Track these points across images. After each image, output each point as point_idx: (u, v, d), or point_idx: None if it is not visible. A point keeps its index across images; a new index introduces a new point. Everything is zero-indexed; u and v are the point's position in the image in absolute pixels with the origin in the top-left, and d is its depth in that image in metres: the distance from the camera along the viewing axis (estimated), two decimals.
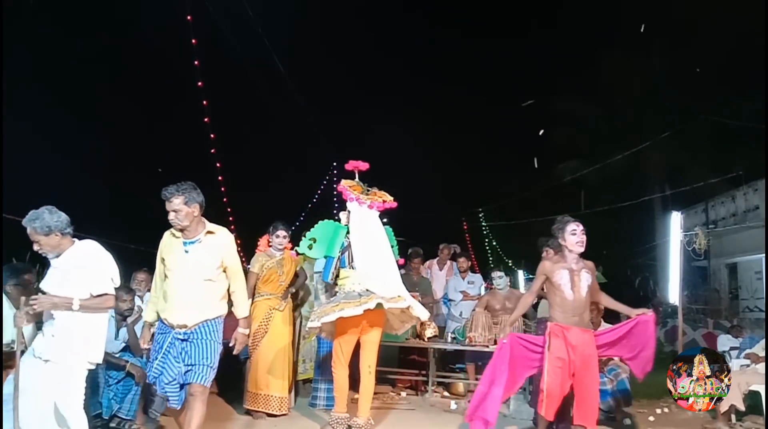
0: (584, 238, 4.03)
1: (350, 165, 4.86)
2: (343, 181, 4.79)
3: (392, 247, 4.83)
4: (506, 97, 22.50)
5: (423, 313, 4.57)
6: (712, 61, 15.12)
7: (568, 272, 4.02)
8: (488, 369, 4.21)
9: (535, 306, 5.55)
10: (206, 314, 3.51)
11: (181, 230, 3.53)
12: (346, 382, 4.55)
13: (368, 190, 4.78)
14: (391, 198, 4.81)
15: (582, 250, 4.03)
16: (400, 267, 5.03)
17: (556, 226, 4.13)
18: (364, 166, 4.86)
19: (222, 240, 3.60)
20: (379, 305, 4.25)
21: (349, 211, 4.72)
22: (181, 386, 3.52)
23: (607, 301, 4.37)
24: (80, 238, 3.47)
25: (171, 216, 3.49)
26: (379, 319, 4.47)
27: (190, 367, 3.47)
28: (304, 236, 4.85)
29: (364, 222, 4.63)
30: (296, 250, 4.98)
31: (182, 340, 3.48)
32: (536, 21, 22.49)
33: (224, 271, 3.60)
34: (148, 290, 5.08)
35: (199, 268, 3.50)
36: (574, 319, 3.99)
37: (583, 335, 3.99)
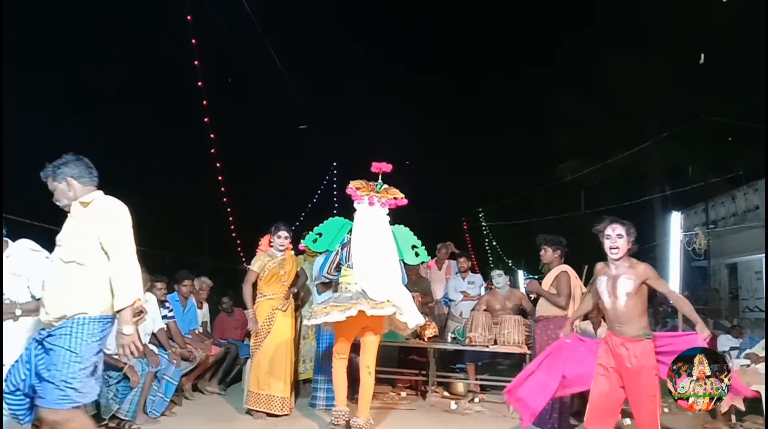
0: (619, 242, 3.74)
1: (374, 167, 4.83)
2: (351, 182, 4.79)
3: (416, 247, 4.86)
4: (506, 97, 22.55)
5: (412, 319, 4.44)
6: (712, 61, 15.12)
7: (606, 279, 3.77)
8: (540, 356, 4.11)
9: (534, 303, 5.54)
10: (65, 309, 2.73)
11: None
12: (344, 378, 4.57)
13: (379, 188, 4.77)
14: (402, 195, 4.79)
15: (616, 257, 3.74)
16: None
17: (595, 228, 3.89)
18: (387, 167, 4.82)
19: (96, 210, 2.87)
20: (362, 312, 4.20)
21: (355, 210, 4.73)
22: (30, 399, 2.76)
23: (676, 300, 4.03)
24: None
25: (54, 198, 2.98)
26: (377, 321, 4.45)
27: (37, 382, 2.71)
28: (311, 231, 4.90)
29: (368, 221, 4.62)
30: (302, 242, 5.11)
31: (39, 343, 2.76)
32: (536, 21, 22.50)
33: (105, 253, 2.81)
34: (147, 290, 5.15)
35: (61, 247, 2.87)
36: (619, 328, 3.68)
37: (629, 345, 3.65)
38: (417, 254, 4.91)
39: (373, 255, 4.48)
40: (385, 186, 4.79)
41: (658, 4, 16.28)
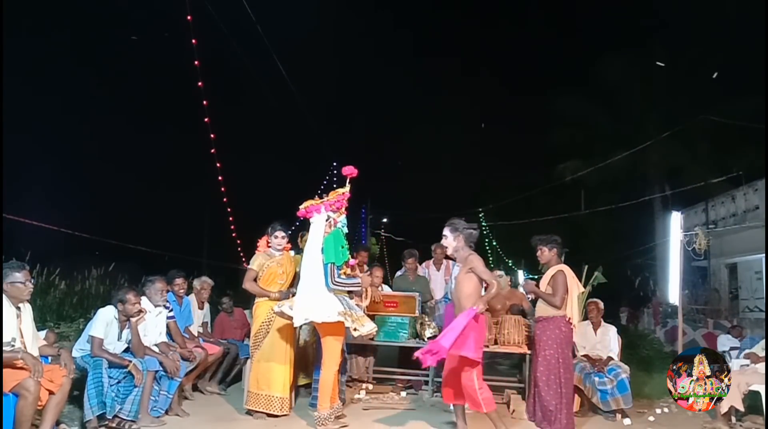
0: (444, 241, 4.53)
1: (344, 171, 5.01)
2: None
3: (344, 247, 4.83)
4: (507, 98, 22.56)
5: (297, 317, 4.58)
6: (712, 61, 15.13)
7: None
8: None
9: (534, 303, 5.53)
10: None
11: None
12: (328, 382, 4.69)
13: (322, 196, 5.02)
14: (344, 190, 4.91)
15: (449, 253, 4.61)
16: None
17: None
18: (353, 171, 4.97)
19: None
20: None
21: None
22: None
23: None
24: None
25: None
26: (319, 327, 4.71)
27: None
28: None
29: (310, 231, 4.87)
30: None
31: None
32: (537, 22, 22.51)
33: None
34: (143, 285, 5.20)
35: None
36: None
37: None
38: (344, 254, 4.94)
39: (304, 260, 4.80)
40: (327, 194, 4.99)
41: (659, 5, 16.30)
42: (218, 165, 9.80)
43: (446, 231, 4.51)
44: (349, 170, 4.98)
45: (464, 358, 4.24)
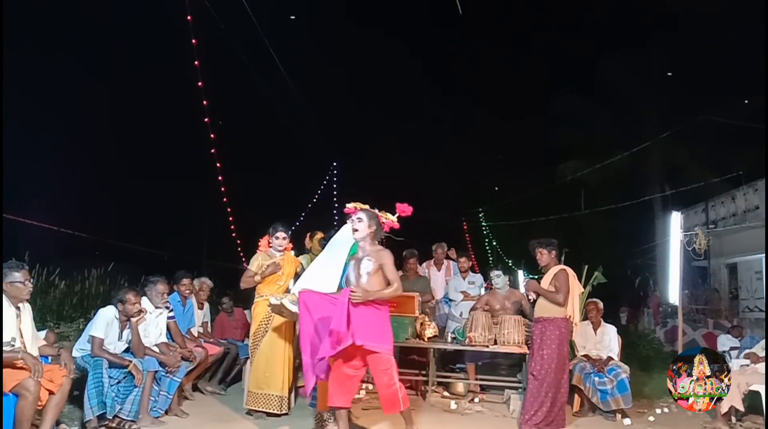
0: (357, 224, 4.13)
1: (398, 209, 4.69)
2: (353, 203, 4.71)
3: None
4: (507, 98, 22.57)
5: (295, 313, 4.47)
6: (712, 61, 15.14)
7: (354, 261, 4.20)
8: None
9: (533, 304, 5.52)
10: None
11: None
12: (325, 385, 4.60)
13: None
14: (394, 219, 4.62)
15: (357, 237, 4.17)
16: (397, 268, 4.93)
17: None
18: (402, 209, 4.72)
19: None
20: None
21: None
22: None
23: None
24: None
25: None
26: None
27: None
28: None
29: (342, 235, 4.65)
30: None
31: None
32: (538, 22, 22.51)
33: None
34: (143, 285, 5.22)
35: None
36: None
37: None
38: None
39: (324, 253, 4.70)
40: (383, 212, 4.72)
41: (659, 5, 16.30)
42: (218, 165, 9.81)
43: (363, 215, 4.16)
44: (403, 208, 4.69)
45: (379, 359, 3.95)
